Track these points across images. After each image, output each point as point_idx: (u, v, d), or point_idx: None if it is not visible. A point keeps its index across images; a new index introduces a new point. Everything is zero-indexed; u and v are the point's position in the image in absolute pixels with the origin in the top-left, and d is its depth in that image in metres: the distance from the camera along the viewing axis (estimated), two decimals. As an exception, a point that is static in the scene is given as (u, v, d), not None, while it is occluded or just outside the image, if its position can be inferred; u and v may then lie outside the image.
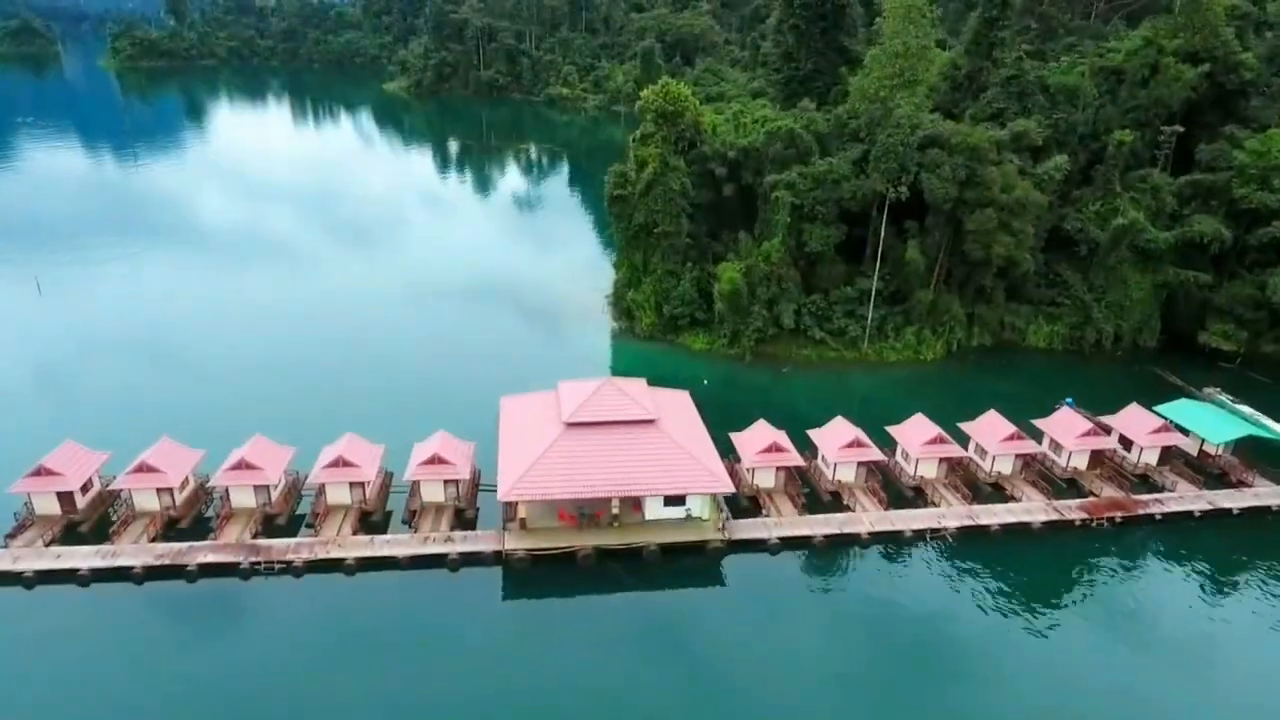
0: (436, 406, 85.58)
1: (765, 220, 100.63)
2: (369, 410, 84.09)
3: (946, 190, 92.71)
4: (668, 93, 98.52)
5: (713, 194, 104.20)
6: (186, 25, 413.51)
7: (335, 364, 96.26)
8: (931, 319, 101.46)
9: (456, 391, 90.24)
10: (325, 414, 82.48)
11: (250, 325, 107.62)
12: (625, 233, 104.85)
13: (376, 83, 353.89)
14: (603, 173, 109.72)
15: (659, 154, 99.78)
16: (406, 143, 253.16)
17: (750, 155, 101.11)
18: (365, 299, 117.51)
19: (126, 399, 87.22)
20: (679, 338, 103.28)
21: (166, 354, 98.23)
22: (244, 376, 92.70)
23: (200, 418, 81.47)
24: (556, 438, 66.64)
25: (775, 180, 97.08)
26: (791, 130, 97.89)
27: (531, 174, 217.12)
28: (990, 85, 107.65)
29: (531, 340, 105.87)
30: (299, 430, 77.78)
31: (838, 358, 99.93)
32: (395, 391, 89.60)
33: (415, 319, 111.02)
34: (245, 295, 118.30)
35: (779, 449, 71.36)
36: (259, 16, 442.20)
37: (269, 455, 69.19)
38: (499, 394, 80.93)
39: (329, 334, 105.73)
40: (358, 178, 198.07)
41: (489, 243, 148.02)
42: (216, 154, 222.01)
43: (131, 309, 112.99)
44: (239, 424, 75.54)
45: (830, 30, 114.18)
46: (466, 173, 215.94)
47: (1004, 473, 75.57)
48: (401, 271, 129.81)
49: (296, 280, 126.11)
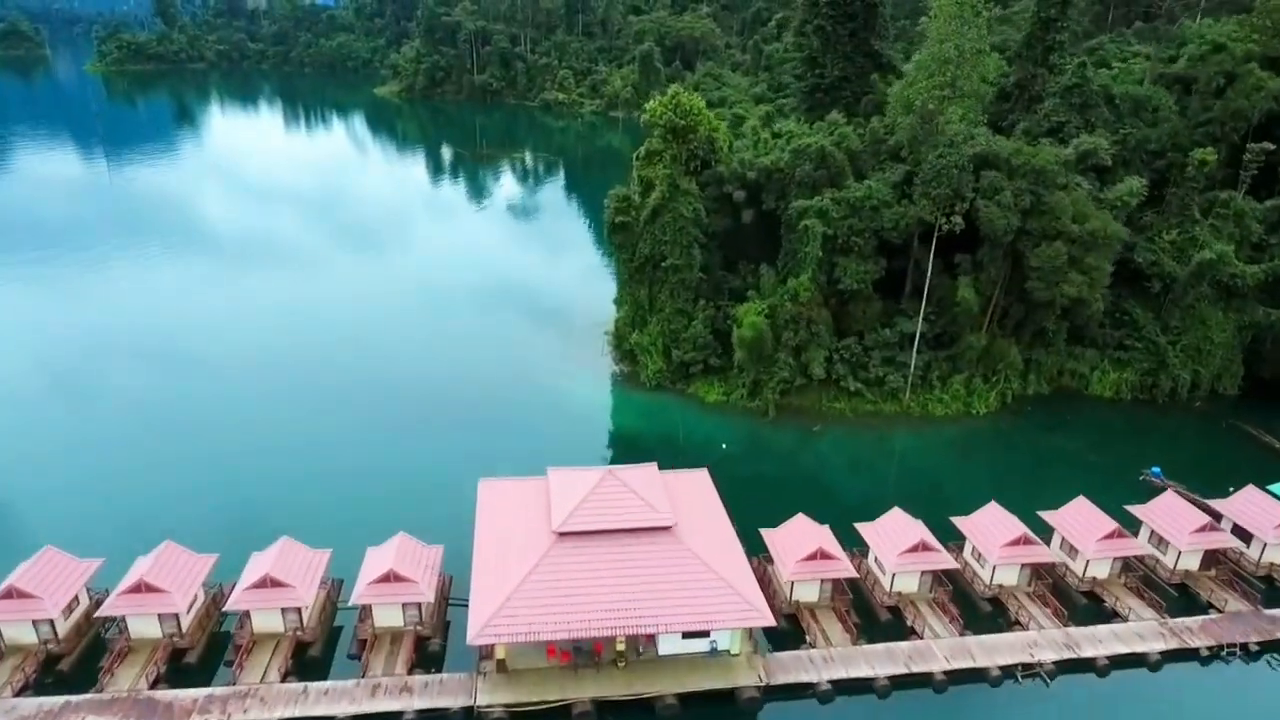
0: (403, 481, 69.67)
1: (791, 252, 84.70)
2: (317, 492, 68.24)
3: (1008, 220, 76.97)
4: (678, 105, 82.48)
5: (729, 221, 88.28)
6: (176, 28, 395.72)
7: (279, 431, 79.27)
8: (983, 366, 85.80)
9: (427, 462, 73.85)
10: (261, 499, 66.61)
11: (176, 372, 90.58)
12: (628, 265, 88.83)
13: (369, 87, 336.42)
14: (601, 182, 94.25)
15: (667, 175, 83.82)
16: (394, 151, 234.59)
17: (773, 177, 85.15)
18: (327, 337, 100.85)
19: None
20: (690, 387, 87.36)
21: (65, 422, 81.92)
22: (159, 451, 75.04)
23: (91, 511, 65.53)
24: (544, 554, 50.72)
25: (804, 207, 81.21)
26: (822, 148, 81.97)
27: (525, 184, 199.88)
28: (1046, 95, 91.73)
29: (519, 389, 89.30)
30: (230, 518, 62.26)
31: (875, 411, 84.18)
32: (352, 462, 73.28)
33: (384, 363, 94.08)
34: (182, 339, 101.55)
35: (825, 556, 55.50)
36: (250, 19, 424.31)
37: (179, 569, 53.23)
38: (478, 463, 66.30)
39: (273, 387, 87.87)
40: (338, 194, 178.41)
41: (475, 266, 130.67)
42: (188, 166, 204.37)
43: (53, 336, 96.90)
44: (144, 523, 60.12)
45: (860, 32, 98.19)
46: (455, 186, 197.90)
47: (1100, 577, 59.83)
48: (373, 301, 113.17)
49: (250, 312, 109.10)
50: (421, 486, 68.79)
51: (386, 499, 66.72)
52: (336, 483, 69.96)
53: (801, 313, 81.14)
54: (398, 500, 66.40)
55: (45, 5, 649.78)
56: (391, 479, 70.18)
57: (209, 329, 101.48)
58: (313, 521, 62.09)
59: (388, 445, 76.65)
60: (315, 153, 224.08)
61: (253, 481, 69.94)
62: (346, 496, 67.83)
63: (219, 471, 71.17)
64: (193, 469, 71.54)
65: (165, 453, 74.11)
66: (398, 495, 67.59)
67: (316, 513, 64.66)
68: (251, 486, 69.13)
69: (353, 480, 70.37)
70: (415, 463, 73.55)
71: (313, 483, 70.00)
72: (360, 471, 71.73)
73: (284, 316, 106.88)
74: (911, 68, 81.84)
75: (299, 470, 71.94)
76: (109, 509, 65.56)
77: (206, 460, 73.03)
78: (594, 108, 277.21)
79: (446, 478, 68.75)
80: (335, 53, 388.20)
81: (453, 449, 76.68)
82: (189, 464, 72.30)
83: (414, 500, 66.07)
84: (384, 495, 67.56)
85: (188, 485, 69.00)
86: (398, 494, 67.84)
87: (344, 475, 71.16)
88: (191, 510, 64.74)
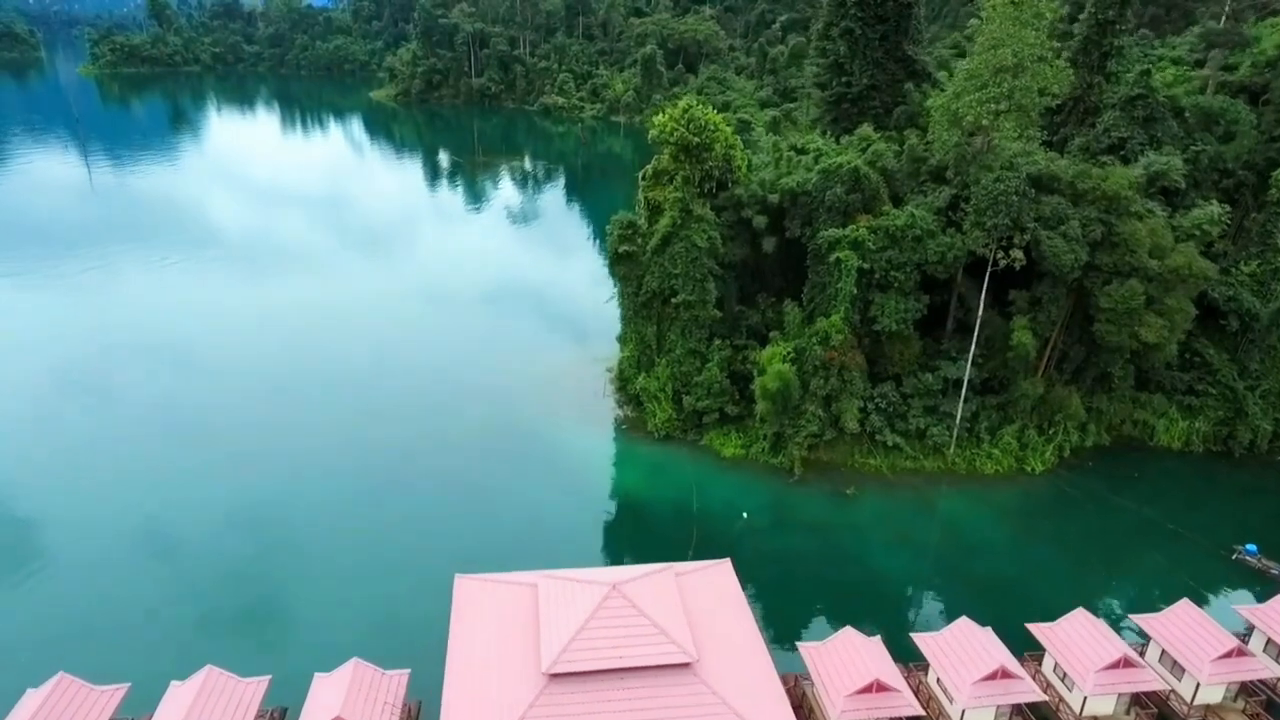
0: (366, 566, 58.16)
1: (819, 286, 73.02)
2: (257, 582, 56.61)
3: (1075, 255, 65.31)
4: (691, 119, 70.66)
5: (748, 249, 76.62)
6: (172, 30, 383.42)
7: (214, 493, 68.48)
8: (1038, 416, 74.18)
9: (398, 540, 62.02)
10: (191, 598, 55.00)
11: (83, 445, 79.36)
12: (633, 300, 77.16)
13: (365, 90, 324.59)
14: (602, 189, 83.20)
15: (679, 199, 72.11)
16: (386, 158, 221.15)
17: (799, 200, 73.44)
18: (286, 370, 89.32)
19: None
20: (704, 438, 75.78)
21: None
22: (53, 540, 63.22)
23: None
24: (531, 702, 39.14)
25: (835, 237, 69.51)
26: (855, 169, 70.21)
27: (522, 193, 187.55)
28: (1104, 107, 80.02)
29: (509, 438, 77.52)
30: (148, 636, 51.05)
31: (916, 469, 72.59)
32: (303, 540, 61.59)
33: (354, 401, 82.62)
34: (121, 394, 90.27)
35: (882, 688, 43.92)
36: (247, 21, 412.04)
37: (76, 707, 41.71)
38: (459, 534, 57.47)
39: (213, 455, 74.34)
40: (320, 209, 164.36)
41: (463, 286, 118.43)
42: (165, 175, 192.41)
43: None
44: (37, 643, 49.04)
45: (891, 36, 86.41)
46: (448, 195, 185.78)
47: (1213, 703, 48.27)
48: (347, 327, 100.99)
49: (204, 363, 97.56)
50: (389, 573, 57.16)
51: (344, 595, 55.21)
52: (282, 569, 58.17)
53: (833, 358, 69.47)
54: (359, 593, 55.00)
55: (44, 8, 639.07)
56: (352, 565, 58.47)
57: (129, 388, 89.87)
58: (250, 626, 50.87)
59: (350, 513, 64.95)
60: (302, 161, 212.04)
61: (181, 576, 58.03)
62: (293, 592, 56.03)
63: (131, 574, 58.19)
64: (100, 561, 58.86)
65: (68, 548, 61.41)
66: (359, 584, 56.14)
67: (254, 613, 53.16)
68: (179, 582, 57.27)
69: (302, 566, 58.61)
70: (383, 541, 61.65)
71: (252, 568, 58.12)
72: (313, 554, 60.01)
73: (248, 352, 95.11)
74: (959, 75, 70.06)
75: (237, 552, 60.01)
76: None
77: (115, 555, 60.47)
78: (595, 112, 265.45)
79: (420, 560, 57.48)
80: (332, 55, 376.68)
81: (429, 517, 65.03)
82: (95, 552, 59.98)
83: (378, 597, 54.64)
84: (341, 588, 55.96)
85: (92, 584, 56.22)
86: (359, 583, 56.35)
87: (292, 558, 59.46)
88: (98, 619, 52.91)
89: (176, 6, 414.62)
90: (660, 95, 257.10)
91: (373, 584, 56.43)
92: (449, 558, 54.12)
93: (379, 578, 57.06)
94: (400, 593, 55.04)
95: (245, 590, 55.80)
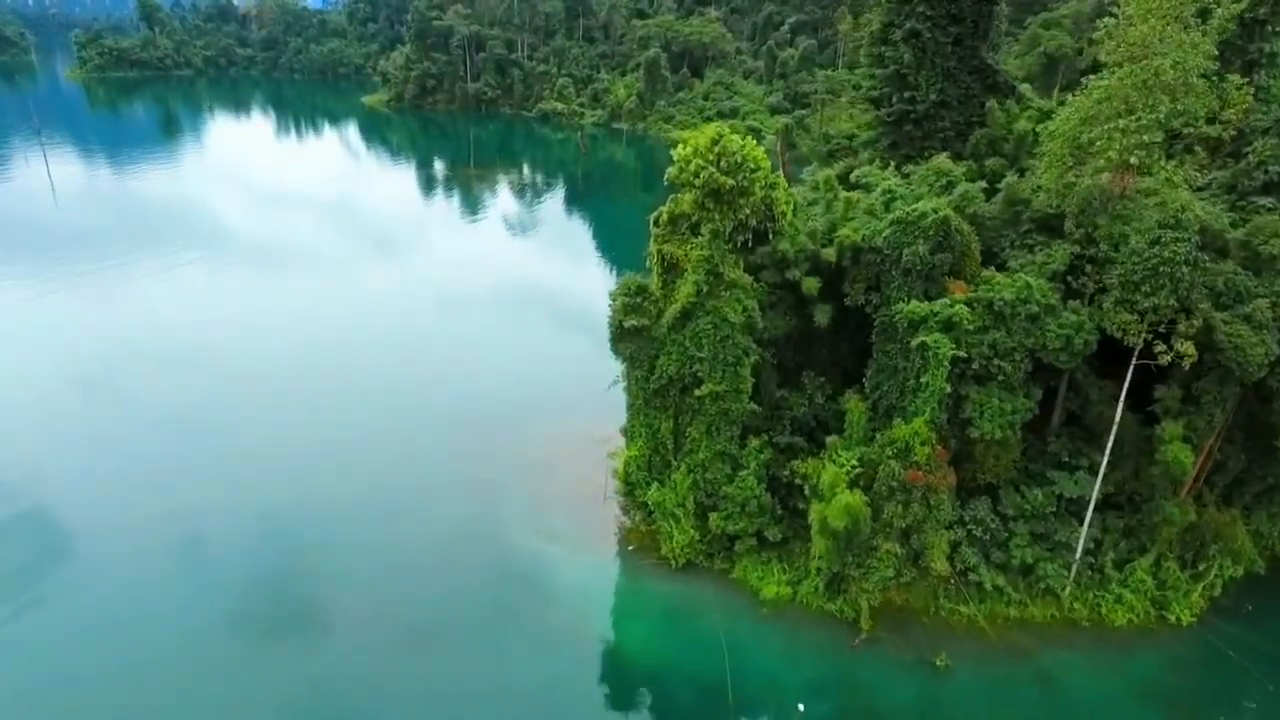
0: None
1: (889, 369, 53.16)
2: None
3: (1266, 348, 45.44)
4: (722, 153, 50.32)
5: (793, 320, 56.79)
6: (165, 33, 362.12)
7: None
8: (1181, 546, 54.39)
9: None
10: None
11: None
12: (642, 387, 57.06)
13: (362, 93, 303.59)
14: (604, 205, 65.79)
15: (705, 260, 52.11)
16: (367, 174, 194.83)
17: (863, 259, 53.61)
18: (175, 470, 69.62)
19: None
20: (736, 568, 55.99)
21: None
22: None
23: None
24: None
25: (919, 313, 49.57)
26: (946, 221, 50.18)
27: (517, 211, 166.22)
28: (1253, 132, 59.95)
29: (485, 551, 58.03)
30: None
31: (1021, 618, 52.77)
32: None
33: (291, 532, 62.91)
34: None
35: None
36: (241, 24, 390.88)
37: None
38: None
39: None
40: (290, 237, 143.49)
41: (441, 336, 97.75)
42: (118, 193, 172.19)
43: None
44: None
45: (967, 40, 66.42)
46: (432, 218, 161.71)
47: None
48: (290, 430, 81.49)
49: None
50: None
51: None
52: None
53: (916, 479, 49.61)
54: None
55: (43, 10, 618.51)
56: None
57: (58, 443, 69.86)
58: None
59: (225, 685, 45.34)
60: (279, 174, 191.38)
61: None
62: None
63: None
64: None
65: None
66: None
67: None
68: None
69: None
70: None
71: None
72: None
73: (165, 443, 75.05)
74: (1090, 94, 49.90)
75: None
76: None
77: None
78: (595, 119, 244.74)
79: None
80: (326, 59, 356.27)
81: (358, 684, 45.45)
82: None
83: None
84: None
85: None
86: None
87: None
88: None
89: (170, 9, 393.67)
90: (664, 101, 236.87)
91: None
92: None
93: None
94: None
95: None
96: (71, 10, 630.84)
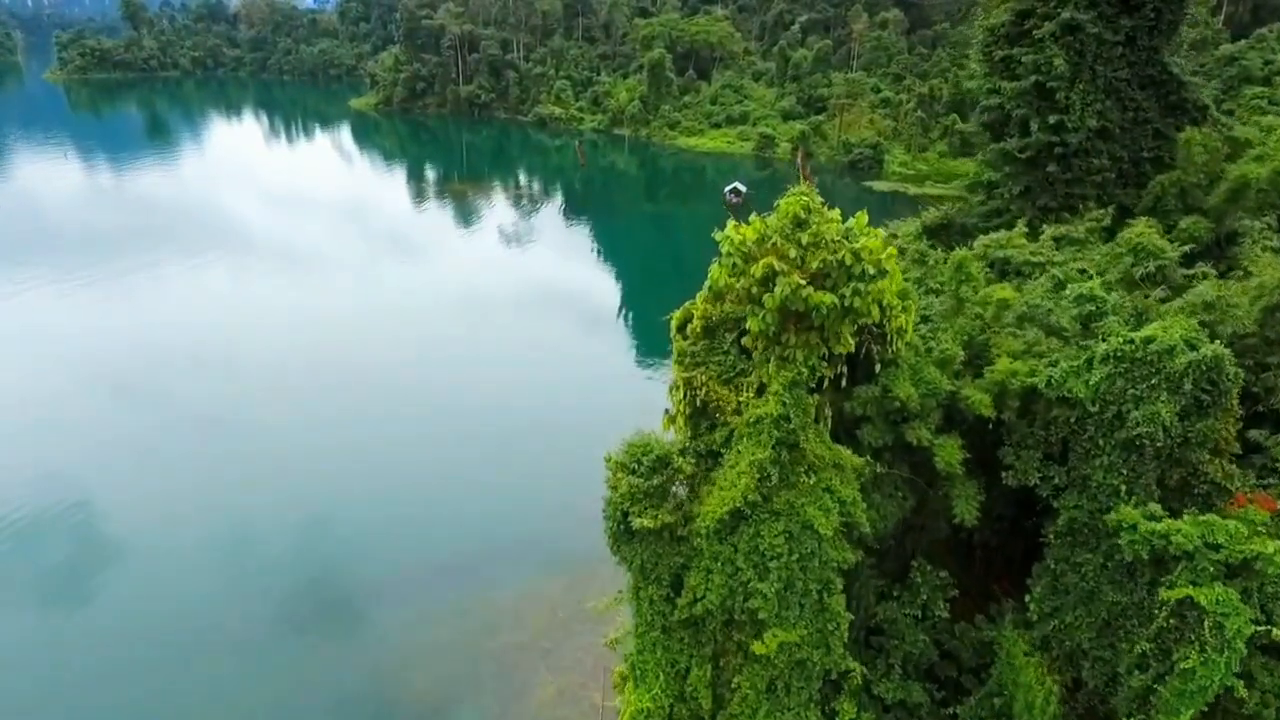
0: None
1: (1082, 595, 29.51)
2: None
3: None
4: (816, 243, 26.35)
5: (909, 499, 33.13)
6: (149, 33, 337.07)
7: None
8: None
9: None
10: None
11: None
12: (658, 612, 33.20)
13: (353, 95, 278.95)
14: (605, 219, 52.10)
15: (775, 421, 28.33)
16: (343, 188, 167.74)
17: (1046, 413, 29.92)
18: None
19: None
20: None
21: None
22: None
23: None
24: None
25: (1176, 541, 25.86)
26: (1218, 361, 26.44)
27: (510, 230, 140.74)
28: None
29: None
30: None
31: None
32: None
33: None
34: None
35: None
36: (231, 24, 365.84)
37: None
38: None
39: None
40: (247, 271, 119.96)
41: (381, 445, 74.18)
42: (55, 207, 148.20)
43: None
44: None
45: (1142, 38, 42.42)
46: (406, 248, 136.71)
47: None
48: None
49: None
50: None
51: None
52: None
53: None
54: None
55: (38, 10, 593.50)
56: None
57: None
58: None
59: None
60: (247, 191, 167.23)
61: None
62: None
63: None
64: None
65: None
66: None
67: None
68: None
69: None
70: None
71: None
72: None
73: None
74: None
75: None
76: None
77: None
78: (595, 124, 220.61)
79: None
80: (317, 60, 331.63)
81: None
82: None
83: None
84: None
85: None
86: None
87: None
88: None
89: (158, 9, 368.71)
90: (669, 105, 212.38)
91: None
92: None
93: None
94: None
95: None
96: (70, 11, 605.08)
